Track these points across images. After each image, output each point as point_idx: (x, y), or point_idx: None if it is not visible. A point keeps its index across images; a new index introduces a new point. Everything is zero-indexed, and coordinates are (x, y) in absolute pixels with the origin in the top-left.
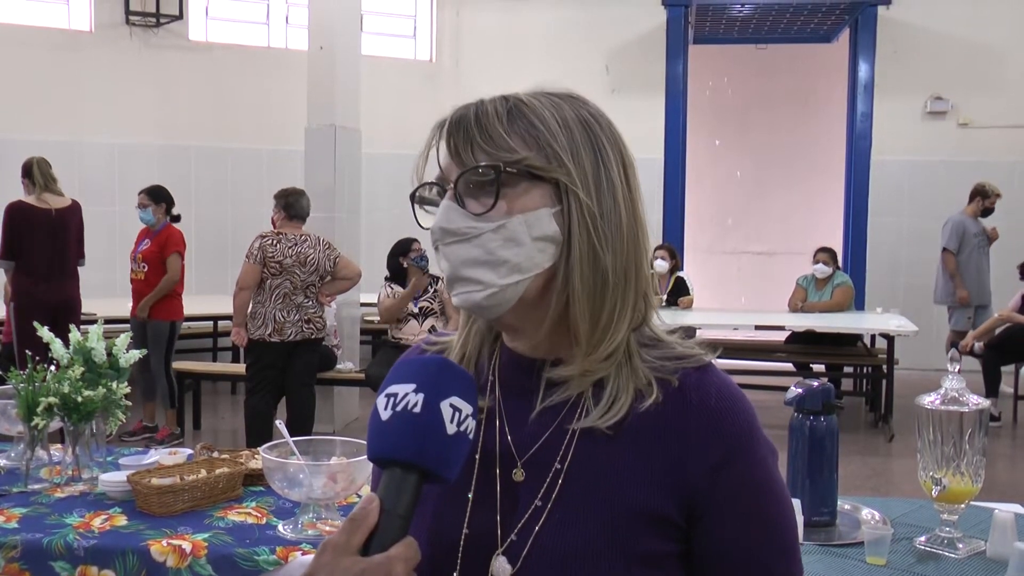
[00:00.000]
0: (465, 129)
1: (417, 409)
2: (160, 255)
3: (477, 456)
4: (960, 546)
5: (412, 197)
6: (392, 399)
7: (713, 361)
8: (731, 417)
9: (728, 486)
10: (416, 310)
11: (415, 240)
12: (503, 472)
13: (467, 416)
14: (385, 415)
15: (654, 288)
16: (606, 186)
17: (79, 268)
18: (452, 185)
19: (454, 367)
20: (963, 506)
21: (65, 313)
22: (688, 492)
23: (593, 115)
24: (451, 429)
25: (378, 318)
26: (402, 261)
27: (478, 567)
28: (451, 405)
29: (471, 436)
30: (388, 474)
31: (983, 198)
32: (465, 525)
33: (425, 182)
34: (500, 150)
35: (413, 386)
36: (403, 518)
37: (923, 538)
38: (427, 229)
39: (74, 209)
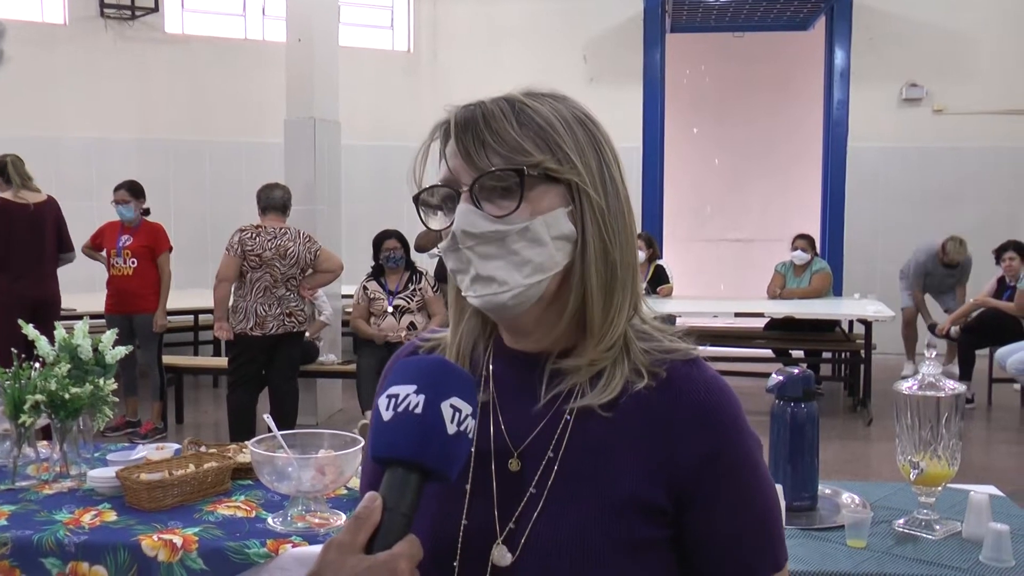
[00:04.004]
0: (475, 132)
1: (418, 410)
2: (150, 251)
3: (473, 449)
4: (937, 528)
5: (416, 200)
6: (394, 400)
7: (700, 356)
8: (719, 410)
9: (716, 476)
10: (391, 309)
11: (390, 237)
12: (499, 463)
13: (467, 416)
14: (387, 416)
15: None
16: (609, 184)
17: (71, 262)
18: (468, 188)
19: (454, 368)
20: (940, 489)
21: (45, 309)
22: (677, 482)
23: (586, 114)
24: (452, 429)
25: None
26: (380, 257)
27: (478, 557)
28: (451, 406)
29: (471, 436)
30: (390, 473)
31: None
32: (464, 516)
33: (433, 184)
34: (515, 153)
35: (414, 387)
36: (406, 516)
37: (901, 520)
38: (437, 231)
39: (51, 204)
